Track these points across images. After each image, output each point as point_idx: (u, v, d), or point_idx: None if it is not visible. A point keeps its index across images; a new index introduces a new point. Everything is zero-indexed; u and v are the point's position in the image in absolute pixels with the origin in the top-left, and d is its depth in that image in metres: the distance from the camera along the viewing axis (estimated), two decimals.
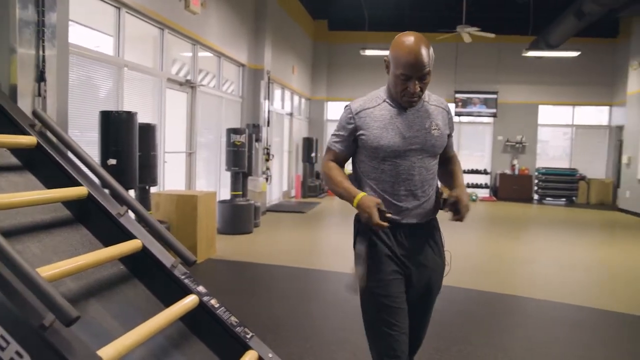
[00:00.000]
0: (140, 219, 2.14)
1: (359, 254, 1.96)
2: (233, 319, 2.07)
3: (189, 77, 7.32)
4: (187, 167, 7.28)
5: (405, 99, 2.00)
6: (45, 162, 2.15)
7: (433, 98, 2.13)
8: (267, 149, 9.87)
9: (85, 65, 5.07)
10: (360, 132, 2.03)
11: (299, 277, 5.46)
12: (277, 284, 5.17)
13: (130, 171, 4.32)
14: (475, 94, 14.35)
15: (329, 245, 7.48)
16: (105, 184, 2.18)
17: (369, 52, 12.61)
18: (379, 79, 10.98)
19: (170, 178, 6.57)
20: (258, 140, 9.07)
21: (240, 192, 7.77)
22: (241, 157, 7.64)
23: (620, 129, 13.39)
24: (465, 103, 14.43)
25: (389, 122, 2.03)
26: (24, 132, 2.15)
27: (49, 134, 2.27)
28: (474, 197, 13.71)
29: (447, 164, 2.18)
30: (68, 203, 2.12)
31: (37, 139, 2.13)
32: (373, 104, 2.06)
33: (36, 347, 1.35)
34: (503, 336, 3.88)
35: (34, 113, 2.24)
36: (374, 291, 1.95)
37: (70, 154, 2.28)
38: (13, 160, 2.15)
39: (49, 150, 2.14)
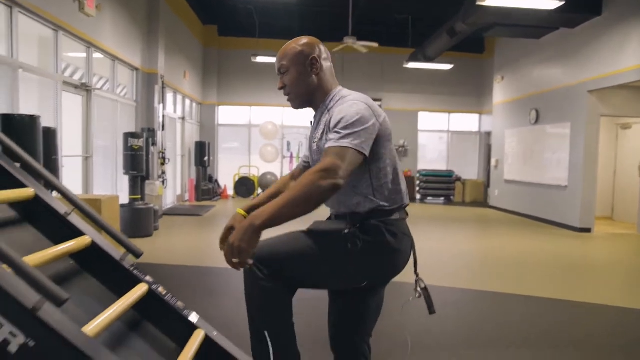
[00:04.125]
0: (88, 216, 2.29)
1: None
2: (179, 304, 2.29)
3: (84, 80, 7.17)
4: (84, 172, 7.12)
5: None
6: None
7: (341, 102, 1.93)
8: (163, 152, 9.83)
9: None
10: None
11: (206, 274, 5.63)
12: (187, 282, 5.30)
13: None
14: None
15: None
16: (50, 185, 2.30)
17: (260, 59, 12.93)
18: (271, 86, 11.59)
19: (67, 182, 6.41)
20: (154, 144, 9.02)
21: (139, 196, 7.73)
22: (139, 161, 7.62)
23: (488, 135, 14.94)
24: None
25: None
26: None
27: None
28: None
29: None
30: (13, 204, 2.21)
31: None
32: None
33: (29, 327, 1.51)
34: (396, 314, 4.38)
35: None
36: None
37: None
38: None
39: None
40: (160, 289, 2.27)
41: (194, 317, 2.27)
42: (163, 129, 9.95)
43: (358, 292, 2.03)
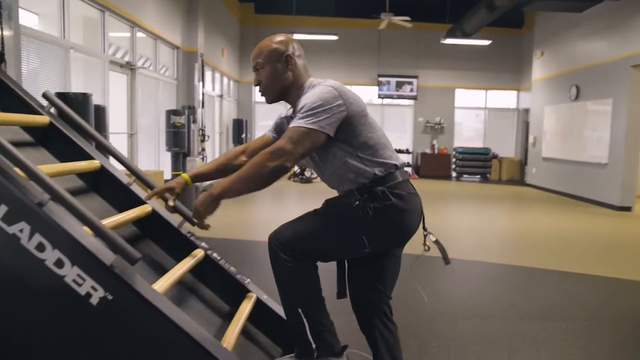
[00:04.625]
0: (148, 186, 2.46)
1: None
2: (232, 269, 2.46)
3: (128, 59, 7.41)
4: (130, 148, 7.40)
5: None
6: (58, 139, 2.41)
7: (310, 89, 2.07)
8: (202, 130, 10.06)
9: (33, 46, 5.12)
10: None
11: (247, 247, 5.85)
12: (229, 254, 5.52)
13: None
14: (397, 77, 15.11)
15: (273, 219, 7.88)
16: (114, 157, 2.48)
17: (297, 36, 12.97)
18: (308, 63, 11.56)
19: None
20: (194, 121, 9.25)
21: (181, 172, 7.96)
22: (181, 138, 7.86)
23: (526, 111, 14.71)
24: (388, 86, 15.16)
25: None
26: (35, 112, 2.40)
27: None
28: None
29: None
30: (81, 175, 2.41)
31: (49, 118, 2.39)
32: None
33: (108, 282, 1.69)
34: (436, 286, 4.50)
35: (44, 95, 2.48)
36: None
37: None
38: (27, 137, 2.39)
39: (61, 129, 2.41)
40: (215, 254, 2.45)
41: (246, 281, 2.44)
42: (202, 107, 10.17)
43: (375, 257, 2.12)
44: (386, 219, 2.01)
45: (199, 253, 2.36)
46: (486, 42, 13.26)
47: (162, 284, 1.90)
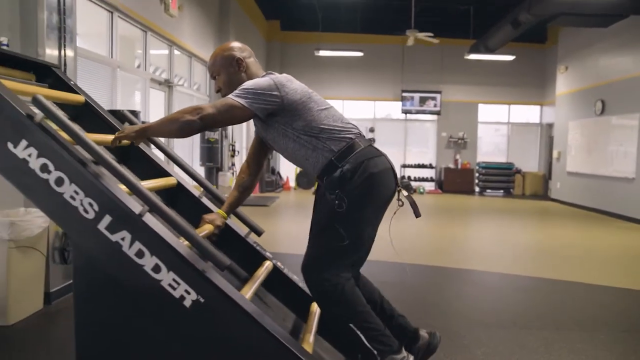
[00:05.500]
0: (216, 199, 2.67)
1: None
2: (295, 277, 2.64)
3: (166, 77, 7.70)
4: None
5: None
6: (137, 158, 2.63)
7: None
8: (233, 145, 10.33)
9: (84, 65, 5.40)
10: None
11: (280, 260, 6.02)
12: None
13: None
14: (421, 93, 15.27)
15: (302, 231, 8.05)
16: (188, 174, 2.70)
17: (323, 53, 13.24)
18: (333, 79, 11.89)
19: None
20: (225, 137, 9.51)
21: (214, 186, 8.23)
22: (215, 153, 8.13)
23: (550, 126, 14.76)
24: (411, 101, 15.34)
25: None
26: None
27: None
28: (421, 190, 14.71)
29: None
30: (159, 190, 2.63)
31: None
32: None
33: (200, 286, 1.88)
34: (469, 297, 4.63)
35: (122, 114, 2.71)
36: None
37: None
38: (110, 155, 2.62)
39: (141, 148, 2.64)
40: (279, 264, 2.63)
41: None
42: None
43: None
44: (363, 191, 2.15)
45: (267, 262, 2.55)
46: (510, 58, 13.39)
47: (249, 291, 2.09)
